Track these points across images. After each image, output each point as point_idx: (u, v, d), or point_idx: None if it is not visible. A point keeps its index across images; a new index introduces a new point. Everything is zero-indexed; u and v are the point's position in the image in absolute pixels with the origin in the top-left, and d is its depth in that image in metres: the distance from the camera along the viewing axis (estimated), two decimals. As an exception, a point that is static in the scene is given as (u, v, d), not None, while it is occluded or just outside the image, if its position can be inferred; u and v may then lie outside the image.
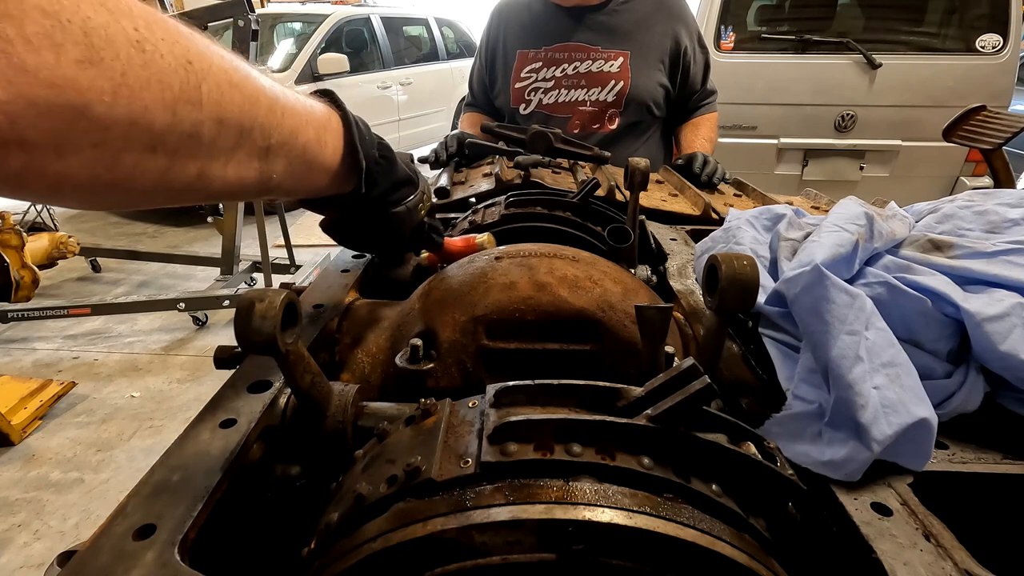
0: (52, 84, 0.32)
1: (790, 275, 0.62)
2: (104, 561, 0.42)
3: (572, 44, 1.81)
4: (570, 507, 0.37)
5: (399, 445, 0.45)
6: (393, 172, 0.70)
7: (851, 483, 0.50)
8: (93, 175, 0.37)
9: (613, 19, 1.80)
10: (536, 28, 1.84)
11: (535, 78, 1.85)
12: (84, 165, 0.36)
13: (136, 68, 0.36)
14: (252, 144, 0.48)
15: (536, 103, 1.87)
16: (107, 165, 0.38)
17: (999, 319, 0.57)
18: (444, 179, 1.41)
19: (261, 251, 3.49)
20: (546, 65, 1.83)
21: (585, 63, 1.81)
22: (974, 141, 2.52)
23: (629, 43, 1.80)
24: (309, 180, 0.60)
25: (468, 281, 0.69)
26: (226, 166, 0.47)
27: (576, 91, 1.83)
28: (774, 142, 3.59)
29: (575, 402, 0.45)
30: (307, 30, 5.95)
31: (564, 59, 1.82)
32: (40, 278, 3.46)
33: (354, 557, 0.38)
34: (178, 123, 0.40)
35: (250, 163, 0.49)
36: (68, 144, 0.35)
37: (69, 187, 0.37)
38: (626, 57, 1.80)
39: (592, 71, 1.81)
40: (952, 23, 3.47)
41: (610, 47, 1.80)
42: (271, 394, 0.60)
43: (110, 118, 0.36)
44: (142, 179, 0.41)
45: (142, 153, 0.39)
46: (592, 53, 1.80)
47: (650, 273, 0.96)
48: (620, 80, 1.80)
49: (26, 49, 0.31)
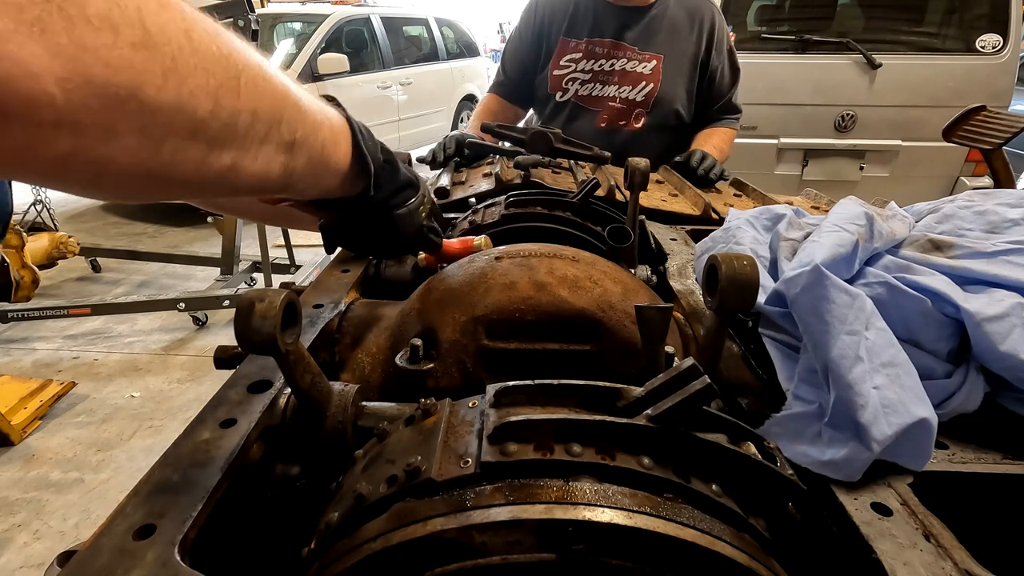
0: (108, 64, 0.33)
1: (790, 275, 0.62)
2: (104, 561, 0.42)
3: (611, 42, 1.87)
4: (570, 507, 0.37)
5: (399, 445, 0.45)
6: (396, 175, 0.71)
7: (851, 483, 0.50)
8: (135, 161, 0.38)
9: (652, 23, 1.86)
10: (582, 19, 1.88)
11: (574, 68, 1.90)
12: (128, 151, 0.37)
13: (185, 55, 0.38)
14: (280, 137, 0.50)
15: (572, 93, 1.92)
16: (150, 151, 0.39)
17: (999, 319, 0.57)
18: (444, 179, 1.41)
19: (261, 251, 3.49)
20: (585, 57, 1.89)
21: (621, 61, 1.87)
22: (974, 141, 2.52)
23: (663, 47, 1.87)
24: (324, 179, 0.61)
25: (468, 281, 0.69)
26: (256, 158, 0.48)
27: (609, 87, 1.89)
28: (774, 142, 3.59)
29: (575, 402, 0.45)
30: (307, 30, 5.95)
31: (603, 54, 1.87)
32: (40, 278, 3.46)
33: (354, 557, 0.38)
34: (219, 111, 0.42)
35: (277, 156, 0.51)
36: (117, 127, 0.36)
37: (110, 175, 0.38)
38: (659, 60, 1.86)
39: (626, 69, 1.87)
40: (952, 23, 3.47)
41: (646, 49, 1.86)
42: (271, 394, 0.60)
43: (158, 102, 0.37)
44: (181, 167, 0.42)
45: (183, 140, 0.40)
46: (629, 52, 1.86)
47: (650, 273, 0.96)
48: (651, 82, 1.87)
49: (87, 28, 0.32)
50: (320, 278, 0.92)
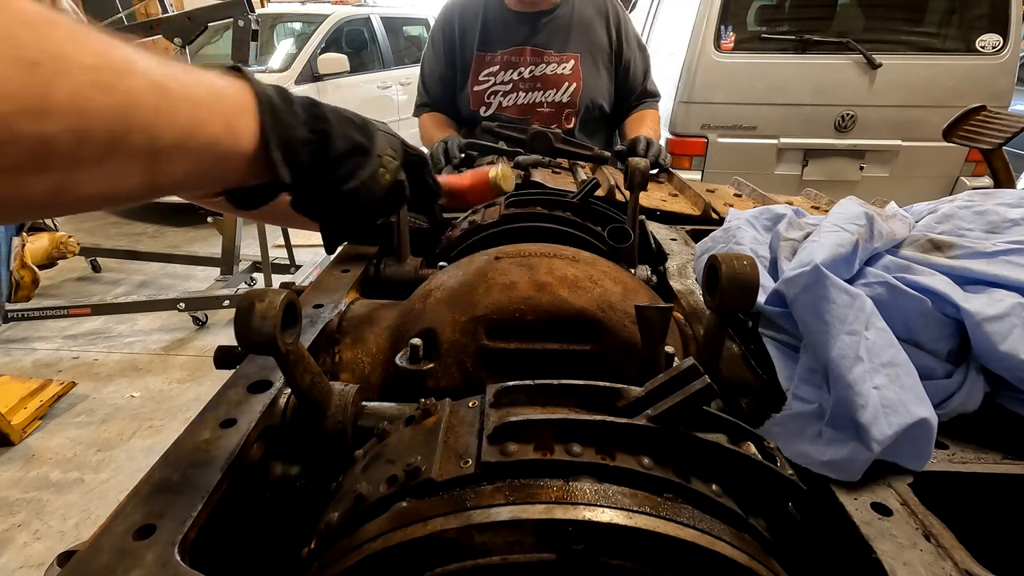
0: None
1: (790, 275, 0.62)
2: (104, 561, 0.42)
3: (527, 48, 1.89)
4: (570, 507, 0.37)
5: (399, 445, 0.45)
6: (330, 147, 0.61)
7: (851, 483, 0.50)
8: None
9: (561, 23, 1.89)
10: (492, 31, 1.90)
11: (493, 81, 1.92)
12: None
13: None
14: (130, 150, 0.43)
15: (496, 106, 1.93)
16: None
17: (999, 319, 0.57)
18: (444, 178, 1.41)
19: (261, 251, 3.49)
20: (503, 68, 1.90)
21: (540, 66, 1.89)
22: (974, 141, 2.52)
23: (577, 46, 1.90)
24: (224, 174, 0.54)
25: (468, 281, 0.69)
26: (95, 176, 0.42)
27: (533, 93, 1.92)
28: (774, 142, 3.58)
29: (575, 402, 0.45)
30: (307, 30, 5.95)
31: (520, 62, 1.89)
32: (40, 278, 3.46)
33: (354, 557, 0.38)
34: (17, 137, 0.35)
35: (130, 169, 0.44)
36: None
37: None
38: (576, 59, 1.90)
39: (547, 74, 1.89)
40: (952, 23, 3.47)
41: (561, 50, 1.89)
42: (271, 394, 0.60)
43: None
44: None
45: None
46: (545, 56, 1.89)
47: (650, 273, 0.96)
48: (573, 82, 1.90)
49: None
50: (320, 278, 0.92)
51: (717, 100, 3.56)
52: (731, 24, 3.49)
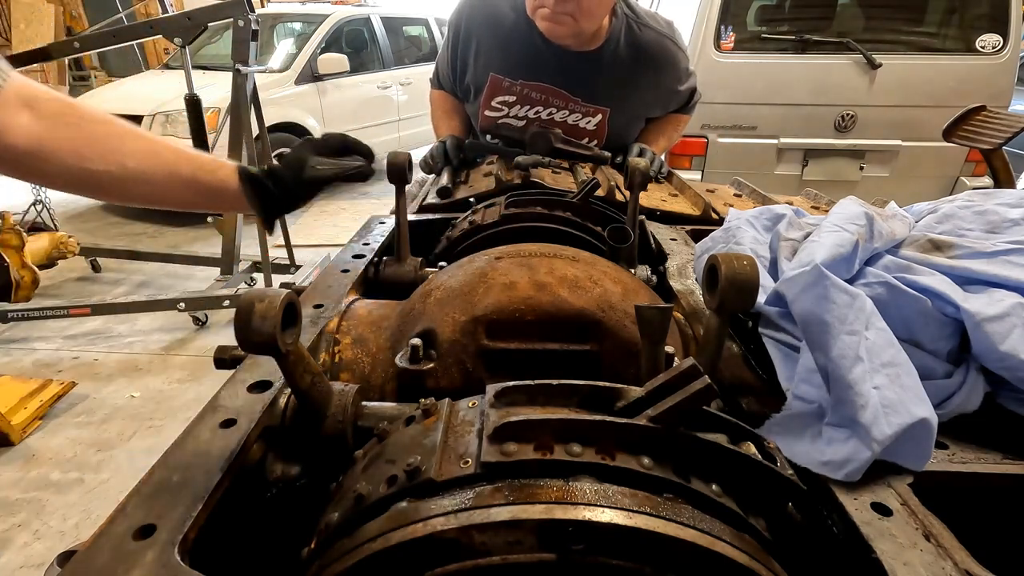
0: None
1: (790, 275, 0.62)
2: (104, 561, 0.42)
3: (551, 88, 1.61)
4: (570, 507, 0.37)
5: (399, 445, 0.45)
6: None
7: (851, 483, 0.50)
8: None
9: (597, 70, 1.58)
10: (513, 52, 1.60)
11: (507, 112, 1.65)
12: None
13: None
14: None
15: None
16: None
17: (999, 319, 0.57)
18: (445, 178, 1.41)
19: (261, 251, 3.49)
20: (520, 102, 1.63)
21: (562, 112, 1.63)
22: (974, 141, 2.52)
23: (610, 100, 1.62)
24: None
25: (468, 281, 0.69)
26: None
27: None
28: (774, 142, 3.58)
29: (575, 402, 0.45)
30: (307, 30, 5.95)
31: (540, 101, 1.63)
32: (40, 278, 3.46)
33: (354, 557, 0.38)
34: None
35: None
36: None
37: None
38: (605, 115, 1.64)
39: (568, 122, 1.63)
40: (952, 23, 3.47)
41: (591, 102, 1.62)
42: (271, 394, 0.60)
43: None
44: None
45: None
46: (571, 104, 1.62)
47: (650, 273, 0.96)
48: (594, 139, 1.66)
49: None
50: (320, 278, 0.92)
51: (717, 100, 3.56)
52: (731, 24, 3.49)
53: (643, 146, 1.59)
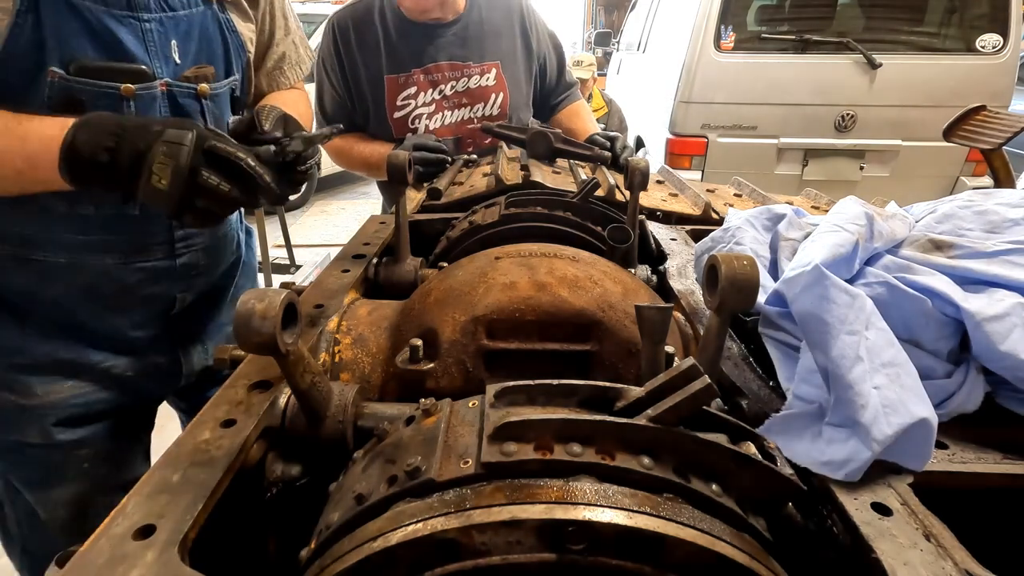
0: None
1: (790, 275, 0.62)
2: (104, 561, 0.42)
3: (442, 64, 1.71)
4: (570, 507, 0.37)
5: (399, 445, 0.45)
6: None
7: (851, 483, 0.50)
8: None
9: (472, 31, 1.73)
10: (398, 50, 1.69)
11: (413, 104, 1.72)
12: None
13: None
14: None
15: (423, 129, 1.74)
16: None
17: (999, 319, 0.57)
18: (443, 180, 1.41)
19: (261, 251, 3.49)
20: (421, 88, 1.71)
21: (462, 80, 1.73)
22: (974, 141, 2.52)
23: (495, 53, 1.75)
24: None
25: (468, 281, 0.69)
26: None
27: (460, 111, 1.76)
28: (774, 142, 3.59)
29: (575, 402, 0.45)
30: (307, 30, 5.95)
31: (440, 79, 1.72)
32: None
33: (354, 557, 0.38)
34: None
35: None
36: None
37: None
38: (497, 68, 1.75)
39: (471, 87, 1.74)
40: (952, 23, 3.47)
41: (480, 60, 1.74)
42: (271, 394, 0.60)
43: None
44: None
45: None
46: (464, 69, 1.73)
47: (650, 273, 0.96)
48: (499, 92, 1.76)
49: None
50: (320, 278, 0.92)
51: (717, 100, 3.57)
52: (731, 24, 3.50)
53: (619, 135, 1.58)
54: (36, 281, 0.94)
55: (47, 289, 0.94)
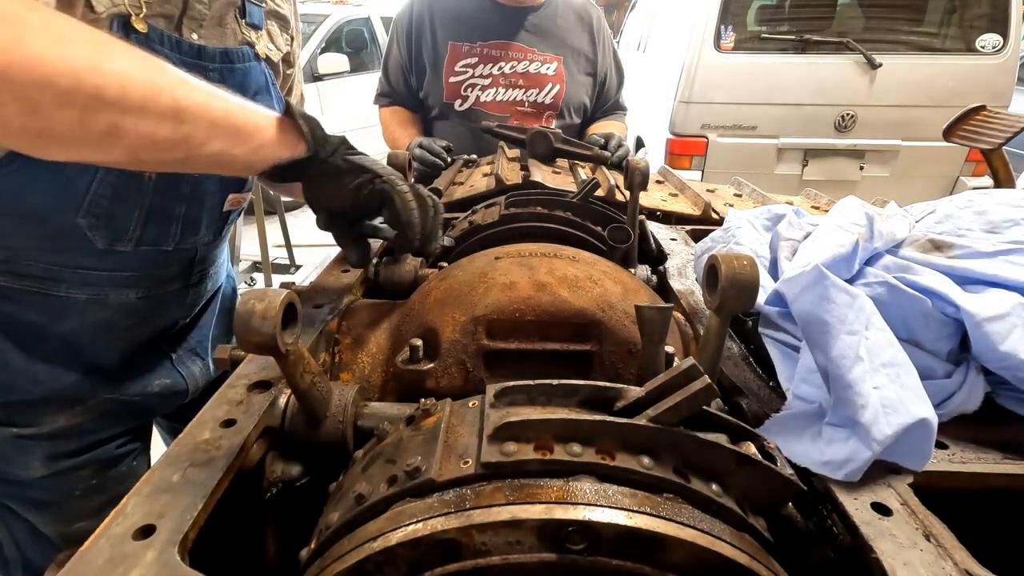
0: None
1: (790, 275, 0.62)
2: (104, 561, 0.42)
3: (508, 43, 1.80)
4: (570, 507, 0.37)
5: (399, 445, 0.45)
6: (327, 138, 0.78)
7: (851, 483, 0.50)
8: (23, 125, 0.56)
9: (546, 23, 1.82)
10: (470, 21, 1.80)
11: (471, 73, 1.81)
12: (14, 116, 0.54)
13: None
14: (161, 105, 0.62)
15: (473, 100, 1.82)
16: (30, 116, 0.55)
17: (999, 319, 0.57)
18: (442, 180, 1.41)
19: (261, 251, 3.49)
20: (483, 61, 1.80)
21: (523, 63, 1.81)
22: (974, 141, 2.52)
23: (562, 49, 1.84)
24: (245, 145, 0.71)
25: (468, 281, 0.69)
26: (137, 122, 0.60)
27: (514, 91, 1.83)
28: (774, 142, 3.59)
29: (575, 402, 0.45)
30: (307, 30, 5.95)
31: (501, 57, 1.81)
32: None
33: (354, 557, 0.38)
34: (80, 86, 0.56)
35: (161, 121, 0.62)
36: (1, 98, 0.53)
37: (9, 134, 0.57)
38: (560, 62, 1.84)
39: (530, 72, 1.82)
40: (952, 23, 3.47)
41: (546, 50, 1.82)
42: (271, 394, 0.60)
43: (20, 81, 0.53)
44: (60, 128, 0.57)
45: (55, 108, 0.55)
46: (529, 54, 1.81)
47: (650, 273, 0.96)
48: (557, 83, 1.84)
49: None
50: (320, 278, 0.92)
51: (717, 100, 3.57)
52: (731, 24, 3.50)
53: (616, 134, 1.61)
54: (51, 318, 0.94)
55: (60, 324, 0.94)
